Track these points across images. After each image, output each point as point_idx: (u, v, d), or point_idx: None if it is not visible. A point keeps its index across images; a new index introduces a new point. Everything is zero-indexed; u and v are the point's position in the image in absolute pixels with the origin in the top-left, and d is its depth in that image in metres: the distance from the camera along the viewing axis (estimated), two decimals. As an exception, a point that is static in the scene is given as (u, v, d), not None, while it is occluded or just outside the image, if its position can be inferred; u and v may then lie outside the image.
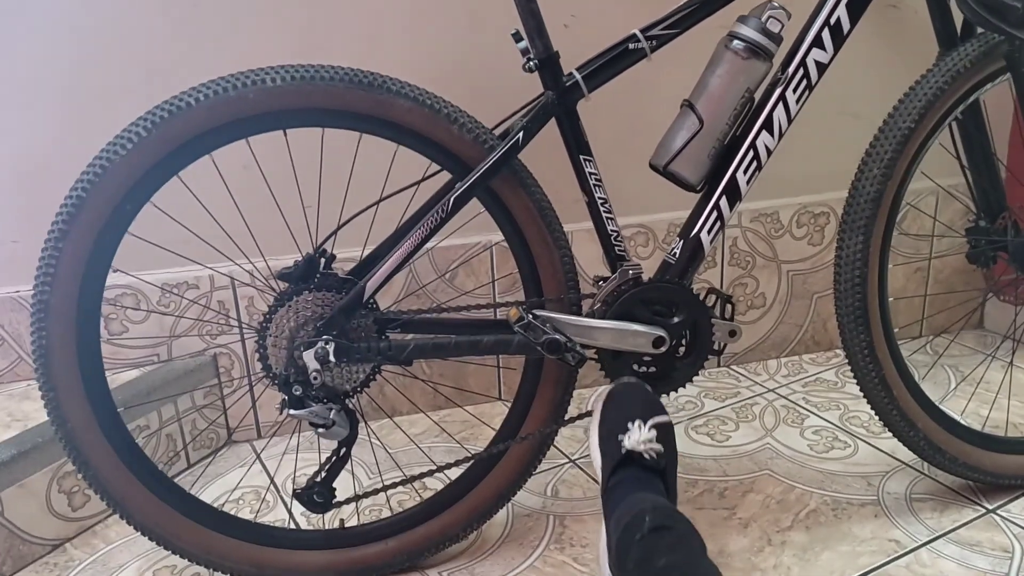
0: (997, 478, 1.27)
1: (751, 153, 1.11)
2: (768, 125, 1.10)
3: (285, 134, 1.06)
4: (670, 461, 1.00)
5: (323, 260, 1.09)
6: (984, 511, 1.25)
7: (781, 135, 1.11)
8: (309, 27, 1.40)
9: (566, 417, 1.18)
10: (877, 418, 1.21)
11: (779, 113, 1.10)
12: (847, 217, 1.15)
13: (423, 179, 1.14)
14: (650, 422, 0.99)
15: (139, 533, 1.10)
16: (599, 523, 1.26)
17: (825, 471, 1.37)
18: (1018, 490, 1.29)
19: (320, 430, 1.08)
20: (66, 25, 1.32)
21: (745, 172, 1.11)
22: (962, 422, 1.25)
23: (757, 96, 1.11)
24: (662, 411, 1.03)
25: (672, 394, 1.18)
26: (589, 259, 1.59)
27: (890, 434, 1.22)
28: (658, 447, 0.97)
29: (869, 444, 1.45)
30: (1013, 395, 1.58)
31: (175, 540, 1.11)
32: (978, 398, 1.58)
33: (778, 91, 1.10)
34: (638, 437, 0.98)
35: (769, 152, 1.11)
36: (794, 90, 1.10)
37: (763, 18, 1.08)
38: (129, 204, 1.00)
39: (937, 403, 1.23)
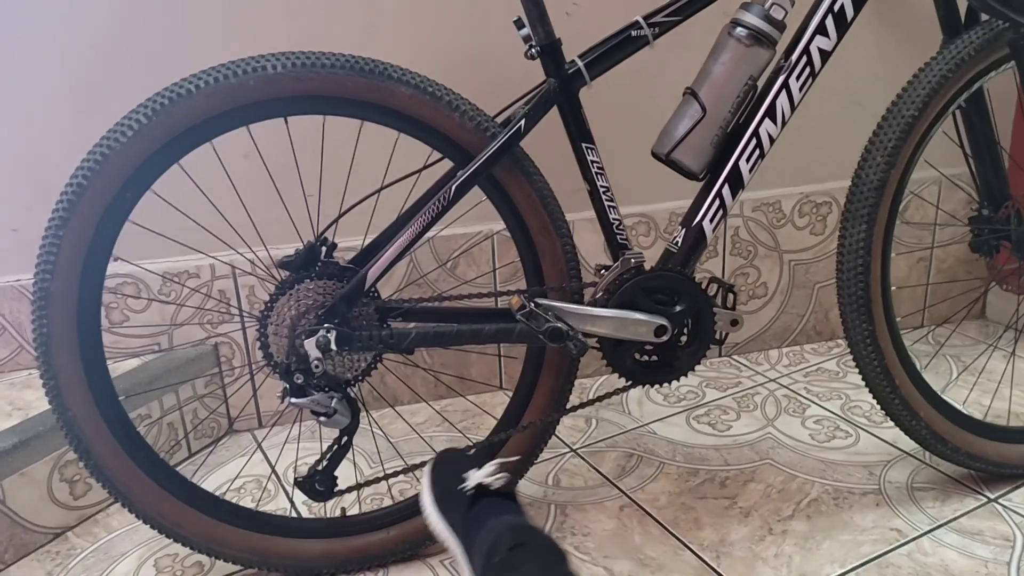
0: (999, 467, 1.27)
1: (754, 141, 1.10)
2: (771, 113, 1.10)
3: (286, 122, 1.06)
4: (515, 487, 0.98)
5: (324, 248, 1.09)
6: (986, 500, 1.25)
7: (784, 123, 1.11)
8: (310, 14, 1.39)
9: (567, 406, 1.18)
10: (879, 407, 1.21)
11: (782, 101, 1.10)
12: (850, 206, 1.15)
13: (424, 167, 1.14)
14: (487, 466, 0.98)
15: (141, 521, 1.10)
16: (601, 512, 1.26)
17: (826, 460, 1.37)
18: (1020, 479, 1.29)
19: (321, 419, 1.08)
20: (67, 13, 1.32)
21: (748, 160, 1.11)
22: (964, 411, 1.25)
23: (760, 84, 1.11)
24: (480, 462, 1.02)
25: (673, 384, 1.18)
26: (591, 248, 1.58)
27: (892, 423, 1.22)
28: (504, 475, 0.96)
29: (871, 433, 1.45)
30: (1015, 384, 1.58)
31: (177, 528, 1.11)
32: (980, 387, 1.57)
33: (781, 79, 1.09)
34: (481, 474, 0.96)
35: (772, 140, 1.11)
36: (797, 78, 1.09)
37: (766, 5, 1.07)
38: (130, 192, 1.00)
39: (939, 392, 1.23)
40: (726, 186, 1.11)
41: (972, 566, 1.12)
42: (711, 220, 1.12)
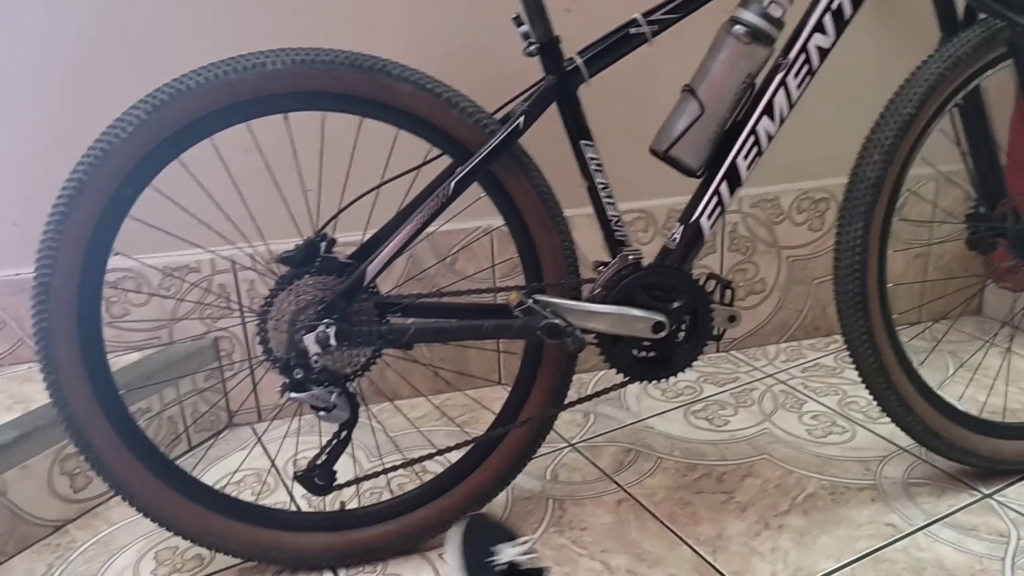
0: (994, 463, 1.27)
1: (752, 138, 1.11)
2: (769, 110, 1.10)
3: (286, 118, 1.06)
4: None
5: (324, 244, 1.09)
6: (981, 496, 1.26)
7: (782, 121, 1.11)
8: (309, 10, 1.40)
9: (566, 401, 1.19)
10: (875, 403, 1.22)
11: (780, 98, 1.10)
12: (847, 203, 1.15)
13: (424, 163, 1.14)
14: (519, 543, 0.98)
15: (141, 515, 1.10)
16: (598, 507, 1.27)
17: (823, 456, 1.38)
18: (1015, 475, 1.30)
19: (321, 413, 1.09)
20: (66, 8, 1.32)
21: (746, 157, 1.11)
22: (960, 407, 1.26)
23: (758, 81, 1.11)
24: (520, 537, 1.02)
25: (671, 379, 1.18)
26: (589, 244, 1.59)
27: (888, 419, 1.23)
28: (536, 554, 0.97)
29: (867, 429, 1.45)
30: (1011, 381, 1.58)
31: (177, 522, 1.12)
32: (976, 384, 1.58)
33: (779, 76, 1.10)
34: (512, 552, 0.96)
35: (770, 137, 1.11)
36: (795, 75, 1.10)
37: (765, 3, 1.07)
38: (130, 187, 1.00)
39: (935, 389, 1.23)
40: (724, 183, 1.11)
41: (967, 562, 1.13)
42: (709, 217, 1.12)
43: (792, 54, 1.09)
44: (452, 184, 1.05)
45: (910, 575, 1.11)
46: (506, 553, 0.96)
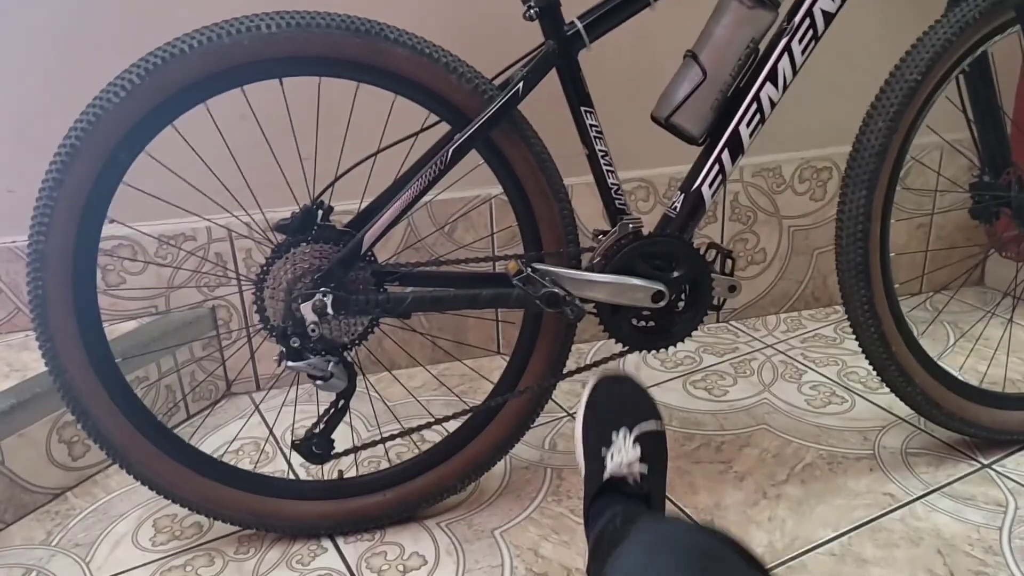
0: (993, 433, 1.27)
1: (754, 105, 1.09)
2: (772, 77, 1.09)
3: (281, 83, 1.05)
4: (656, 475, 0.95)
5: (320, 212, 1.08)
6: (979, 466, 1.26)
7: (785, 87, 1.09)
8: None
9: (564, 371, 1.18)
10: (875, 374, 1.21)
11: (784, 64, 1.08)
12: (850, 171, 1.14)
13: (421, 130, 1.13)
14: (636, 431, 0.95)
15: (139, 483, 1.10)
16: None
17: (821, 426, 1.38)
18: (1014, 445, 1.30)
19: (318, 382, 1.08)
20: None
21: (748, 125, 1.09)
22: (960, 377, 1.25)
23: (762, 47, 1.09)
24: (651, 413, 0.99)
25: (670, 349, 1.18)
26: (589, 213, 1.57)
27: (888, 390, 1.23)
28: (642, 469, 0.93)
29: (866, 399, 1.45)
30: (1012, 352, 1.58)
31: (175, 490, 1.12)
32: (976, 354, 1.58)
33: (783, 42, 1.08)
34: (621, 458, 0.94)
35: (773, 104, 1.10)
36: (800, 41, 1.08)
37: (769, -34, 1.05)
38: (124, 153, 0.99)
39: (935, 359, 1.23)
40: (726, 151, 1.10)
41: (964, 531, 1.13)
42: (710, 185, 1.11)
43: (797, 18, 1.08)
44: (450, 151, 1.03)
45: (907, 544, 1.11)
46: (613, 459, 0.93)
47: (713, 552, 0.66)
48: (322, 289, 1.04)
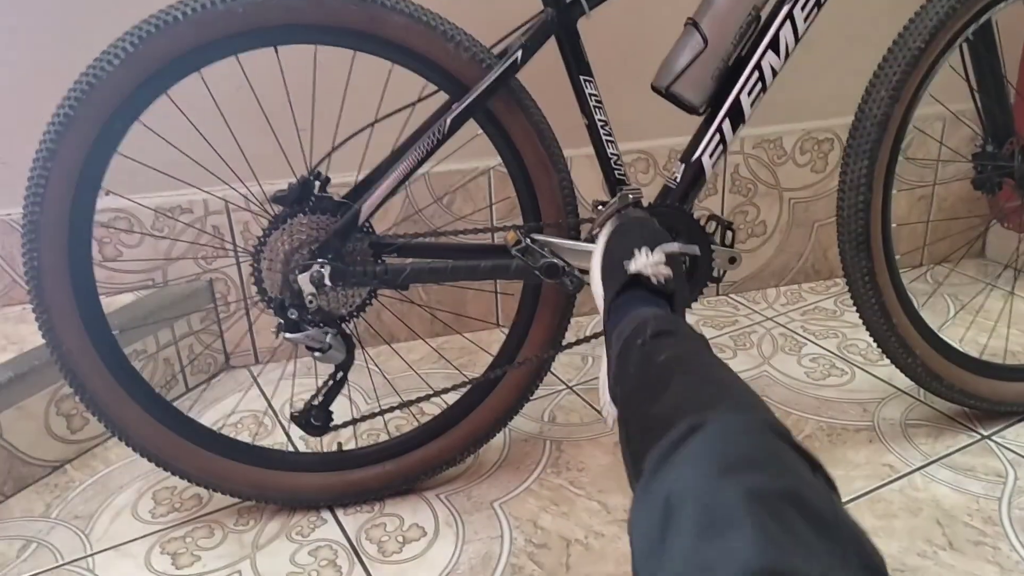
0: (993, 404, 1.27)
1: (756, 74, 1.08)
2: (774, 45, 1.07)
3: (276, 51, 1.03)
4: (679, 290, 0.91)
5: (318, 183, 1.07)
6: (979, 437, 1.26)
7: (787, 56, 1.08)
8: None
9: (563, 343, 1.18)
10: (875, 345, 1.21)
11: (786, 32, 1.07)
12: (852, 141, 1.13)
13: (419, 100, 1.11)
14: (659, 248, 0.92)
15: (138, 455, 1.10)
16: (596, 448, 1.27)
17: (821, 398, 1.38)
18: (1014, 416, 1.30)
19: (316, 354, 1.08)
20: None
21: (749, 94, 1.08)
22: (960, 349, 1.25)
23: (764, 14, 1.08)
24: (672, 240, 0.95)
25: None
26: (589, 184, 1.56)
27: (888, 361, 1.22)
28: (667, 271, 0.90)
29: (866, 371, 1.45)
30: (1012, 323, 1.58)
31: (174, 462, 1.12)
32: (977, 326, 1.57)
33: (786, 9, 1.06)
34: (645, 260, 0.90)
35: (775, 73, 1.08)
36: (802, 8, 1.06)
37: (772, -69, 1.04)
38: (118, 122, 0.98)
39: (936, 331, 1.23)
40: (727, 121, 1.09)
41: (963, 501, 1.13)
42: (711, 155, 1.10)
43: (799, -15, 1.06)
44: (448, 121, 1.02)
45: (907, 515, 1.11)
46: (636, 262, 0.90)
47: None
48: (319, 260, 1.03)
